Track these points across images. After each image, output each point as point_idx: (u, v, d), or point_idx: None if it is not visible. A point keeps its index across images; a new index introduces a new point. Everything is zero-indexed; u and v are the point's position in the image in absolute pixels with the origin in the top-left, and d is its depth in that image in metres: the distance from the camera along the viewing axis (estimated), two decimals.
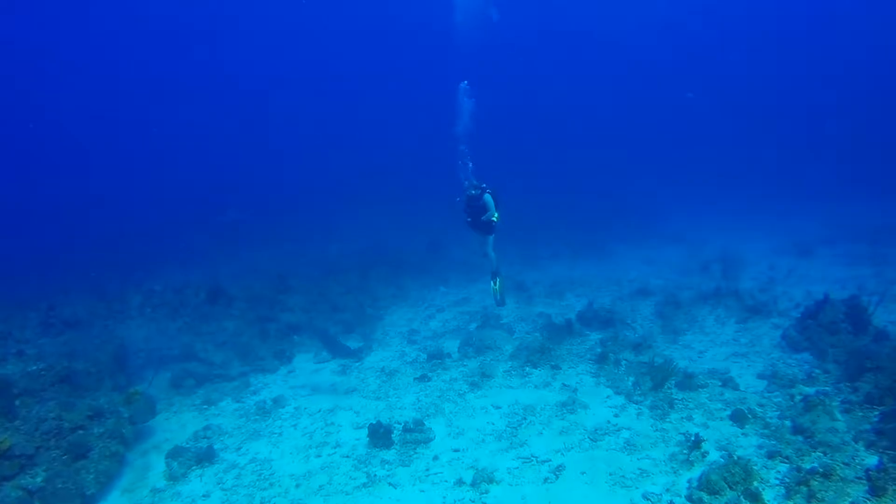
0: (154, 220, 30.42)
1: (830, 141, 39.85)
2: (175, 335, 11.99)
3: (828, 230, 21.50)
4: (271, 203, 32.88)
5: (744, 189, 31.72)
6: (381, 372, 10.34)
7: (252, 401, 9.63)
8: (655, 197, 31.12)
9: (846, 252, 18.22)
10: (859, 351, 8.85)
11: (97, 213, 34.20)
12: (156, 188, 40.47)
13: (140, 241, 25.46)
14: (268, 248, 22.93)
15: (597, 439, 7.30)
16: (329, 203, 31.28)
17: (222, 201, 32.71)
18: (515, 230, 21.02)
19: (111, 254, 23.22)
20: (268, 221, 28.27)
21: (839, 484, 5.74)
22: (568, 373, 9.48)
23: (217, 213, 29.81)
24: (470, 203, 11.53)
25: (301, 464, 7.51)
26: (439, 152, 17.19)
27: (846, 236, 20.23)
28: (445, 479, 6.75)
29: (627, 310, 12.86)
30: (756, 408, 7.90)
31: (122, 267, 19.98)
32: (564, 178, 34.83)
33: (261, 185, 38.70)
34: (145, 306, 13.63)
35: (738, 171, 36.73)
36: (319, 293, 14.34)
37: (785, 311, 12.07)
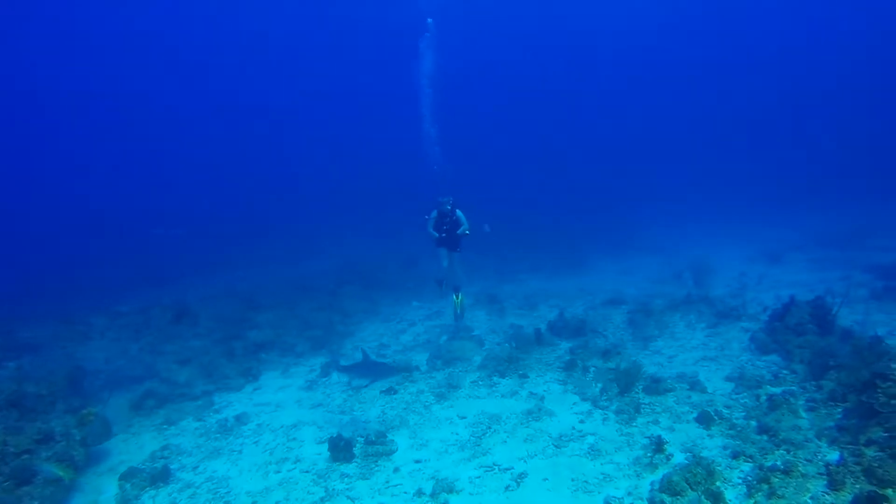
0: (126, 241, 29.92)
1: (805, 151, 40.63)
2: (137, 355, 11.70)
3: (800, 237, 21.80)
4: (243, 223, 32.53)
5: (720, 199, 32.11)
6: (347, 386, 10.15)
7: (214, 419, 9.38)
8: (632, 209, 31.34)
9: (816, 257, 18.44)
10: (824, 350, 8.87)
11: (71, 233, 33.53)
12: (131, 209, 39.86)
13: (111, 263, 24.97)
14: (240, 268, 22.63)
15: (561, 446, 7.17)
16: (304, 221, 31.09)
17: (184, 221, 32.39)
18: (491, 244, 21.09)
19: (82, 276, 22.75)
20: (240, 241, 27.94)
21: (799, 480, 5.66)
22: (536, 381, 9.36)
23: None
24: (442, 218, 11.42)
25: (259, 480, 7.29)
26: (414, 167, 17.21)
27: (817, 242, 20.53)
28: (405, 491, 6.57)
29: (599, 318, 12.79)
30: (723, 409, 7.83)
31: (91, 289, 19.56)
32: (542, 192, 34.99)
33: (235, 205, 38.34)
34: (109, 328, 13.31)
35: (714, 182, 37.19)
36: (289, 310, 14.12)
37: (754, 316, 12.07)
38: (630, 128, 55.46)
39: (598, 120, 56.89)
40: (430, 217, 11.57)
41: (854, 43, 50.56)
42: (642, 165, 44.50)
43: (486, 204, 26.59)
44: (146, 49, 48.71)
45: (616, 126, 55.97)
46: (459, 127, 42.73)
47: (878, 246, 18.87)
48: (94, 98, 51.34)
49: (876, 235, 20.33)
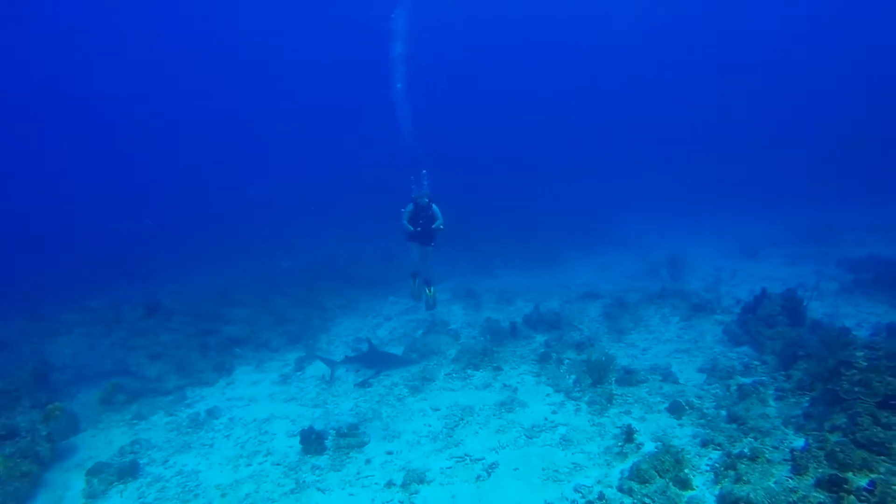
0: (101, 238, 29.35)
1: (785, 149, 41.26)
2: (107, 350, 11.49)
3: (775, 233, 22.08)
4: (221, 219, 32.10)
5: (698, 197, 32.42)
6: (321, 380, 10.08)
7: (185, 413, 9.26)
8: (611, 206, 31.51)
9: (791, 252, 18.72)
10: (793, 341, 9.00)
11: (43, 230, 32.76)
12: (102, 205, 39.07)
13: (86, 259, 24.46)
14: (217, 264, 22.31)
15: (533, 436, 7.19)
16: (282, 217, 30.77)
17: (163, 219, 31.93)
18: (470, 241, 21.10)
19: (54, 272, 22.25)
20: (219, 237, 27.56)
21: (765, 465, 5.73)
22: (510, 373, 9.38)
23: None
24: (419, 212, 11.23)
25: (230, 474, 7.21)
26: (393, 164, 17.09)
27: (792, 238, 20.81)
28: (376, 482, 6.54)
29: (575, 312, 12.85)
30: (694, 399, 7.92)
31: (63, 286, 19.16)
32: (521, 190, 35.01)
33: (213, 201, 37.78)
34: (79, 324, 13.04)
35: (693, 180, 37.53)
36: (264, 305, 13.97)
37: (728, 308, 12.22)
38: (609, 125, 55.84)
39: (577, 118, 57.09)
40: (405, 210, 11.37)
41: (833, 45, 51.42)
42: (622, 163, 44.80)
43: (465, 200, 26.77)
44: (124, 46, 47.85)
45: (595, 123, 56.28)
46: (438, 124, 42.80)
47: (850, 241, 19.22)
48: (71, 96, 50.30)
49: (848, 231, 20.71)
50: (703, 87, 55.77)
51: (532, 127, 56.01)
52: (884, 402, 6.04)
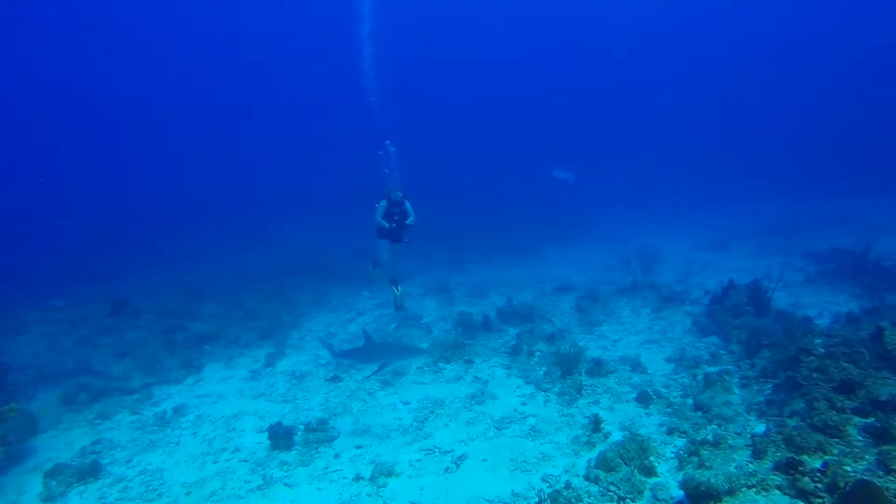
0: (67, 235, 28.64)
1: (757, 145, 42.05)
2: (70, 349, 11.22)
3: (746, 226, 22.47)
4: (193, 215, 31.56)
5: (674, 191, 32.84)
6: (291, 376, 9.99)
7: (151, 412, 9.08)
8: (589, 201, 31.72)
9: (759, 245, 19.07)
10: (757, 330, 9.18)
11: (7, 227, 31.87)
12: (73, 202, 38.13)
13: (49, 257, 23.82)
14: (188, 261, 21.95)
15: (502, 428, 7.21)
16: (256, 213, 30.42)
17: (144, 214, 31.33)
18: (446, 235, 21.09)
19: (19, 270, 21.63)
20: (188, 234, 27.10)
21: (727, 451, 5.83)
22: (481, 366, 9.40)
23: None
24: (393, 208, 11.00)
25: (196, 471, 7.10)
26: (363, 159, 16.89)
27: (762, 231, 21.21)
28: (344, 476, 6.51)
29: (548, 305, 12.92)
30: (661, 389, 8.03)
31: (26, 284, 18.64)
32: (499, 185, 35.05)
33: (185, 197, 37.08)
34: (41, 322, 12.72)
35: (667, 175, 37.99)
36: (235, 302, 13.80)
37: (697, 300, 12.38)
38: (588, 121, 56.27)
39: (557, 113, 57.41)
40: (379, 206, 11.08)
41: (804, 45, 52.47)
42: (599, 159, 45.19)
43: (441, 194, 26.77)
44: (94, 36, 46.52)
45: (574, 119, 56.67)
46: (414, 120, 42.63)
47: (815, 234, 19.66)
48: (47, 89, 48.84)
49: (814, 224, 21.20)
50: (680, 85, 56.49)
51: (511, 122, 56.14)
52: (839, 386, 6.18)
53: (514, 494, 5.69)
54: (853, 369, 6.50)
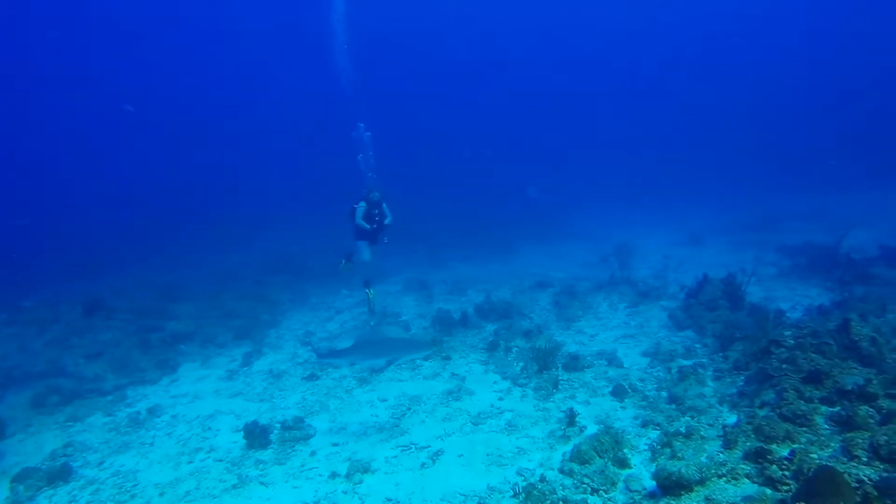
0: (36, 232, 28.04)
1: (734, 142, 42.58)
2: (41, 351, 11.00)
3: (722, 222, 22.78)
4: (172, 214, 31.08)
5: (653, 188, 33.16)
6: (268, 374, 9.92)
7: (125, 413, 8.96)
8: (569, 198, 31.92)
9: (735, 240, 19.37)
10: (731, 323, 9.32)
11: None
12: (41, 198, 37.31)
13: (17, 255, 23.25)
14: (166, 260, 21.62)
15: (479, 423, 7.23)
16: (235, 211, 30.06)
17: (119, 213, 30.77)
18: (425, 233, 21.06)
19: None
20: (169, 232, 26.67)
21: (698, 442, 5.91)
22: (458, 363, 9.41)
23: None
24: (372, 209, 10.90)
25: (170, 472, 7.02)
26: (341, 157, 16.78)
27: (737, 226, 21.51)
28: (320, 474, 6.49)
29: (526, 301, 12.97)
30: (637, 382, 8.12)
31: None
32: (479, 183, 35.01)
33: (163, 195, 36.48)
34: (10, 324, 12.46)
35: (645, 171, 38.34)
36: (212, 301, 13.65)
37: (674, 295, 12.53)
38: (570, 120, 56.56)
39: (534, 110, 57.61)
40: (357, 207, 10.92)
41: (779, 42, 53.26)
42: (580, 157, 45.46)
43: (421, 192, 26.72)
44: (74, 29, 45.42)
45: (552, 117, 56.89)
46: (392, 115, 42.42)
47: (789, 229, 20.00)
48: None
49: (788, 219, 21.57)
50: (657, 81, 57.02)
51: (491, 120, 56.16)
52: (808, 377, 6.30)
53: (490, 488, 5.71)
54: (821, 360, 6.63)
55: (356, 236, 11.20)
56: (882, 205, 22.34)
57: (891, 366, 6.40)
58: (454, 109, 56.36)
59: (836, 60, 50.10)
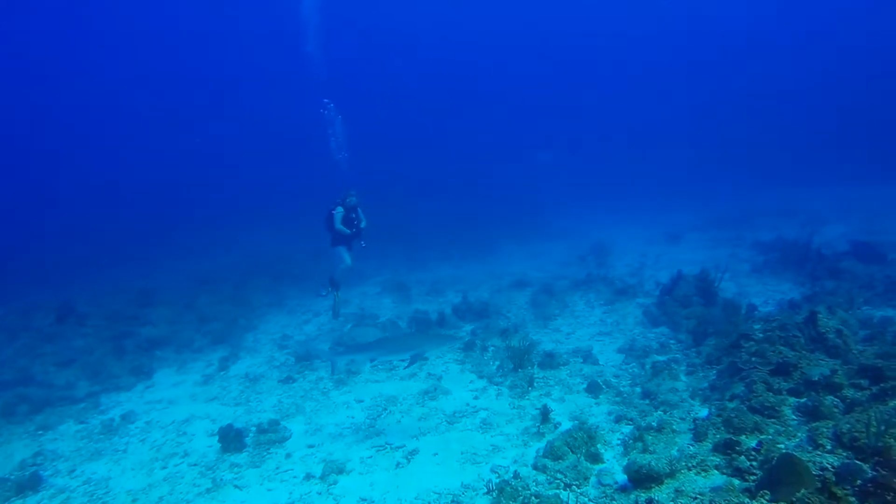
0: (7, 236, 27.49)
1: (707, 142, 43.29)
2: (9, 359, 10.80)
3: (698, 219, 23.09)
4: (147, 217, 30.66)
5: (630, 186, 33.52)
6: (244, 378, 9.83)
7: (98, 420, 8.82)
8: (550, 198, 32.11)
9: (711, 237, 19.64)
10: (704, 319, 9.45)
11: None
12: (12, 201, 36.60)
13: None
14: (142, 265, 21.33)
15: (454, 422, 7.25)
16: (213, 214, 29.77)
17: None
18: (405, 234, 21.06)
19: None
20: (142, 236, 26.30)
21: (669, 435, 5.99)
22: (435, 363, 9.41)
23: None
24: (350, 213, 10.84)
25: (143, 478, 6.93)
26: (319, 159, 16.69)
27: (713, 224, 21.81)
28: (295, 476, 6.45)
29: (503, 301, 13.03)
30: (611, 379, 8.20)
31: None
32: (459, 183, 35.08)
33: (139, 199, 35.96)
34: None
35: (623, 171, 38.75)
36: (187, 305, 13.50)
37: (650, 292, 12.66)
38: (551, 119, 56.89)
39: (513, 111, 57.87)
40: (336, 213, 10.70)
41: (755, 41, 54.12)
42: (562, 157, 45.78)
43: (400, 193, 26.71)
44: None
45: (532, 118, 57.21)
46: (370, 116, 42.29)
47: (764, 225, 20.34)
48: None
49: (763, 216, 21.95)
50: (639, 83, 57.57)
51: (473, 120, 56.31)
52: (776, 369, 6.42)
53: (464, 486, 5.72)
54: (789, 352, 6.76)
55: (333, 242, 11.14)
56: (856, 200, 22.88)
57: (856, 357, 6.55)
58: (437, 108, 56.47)
59: (816, 58, 51.05)
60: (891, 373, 5.69)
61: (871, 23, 47.88)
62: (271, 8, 41.40)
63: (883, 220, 18.22)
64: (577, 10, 55.25)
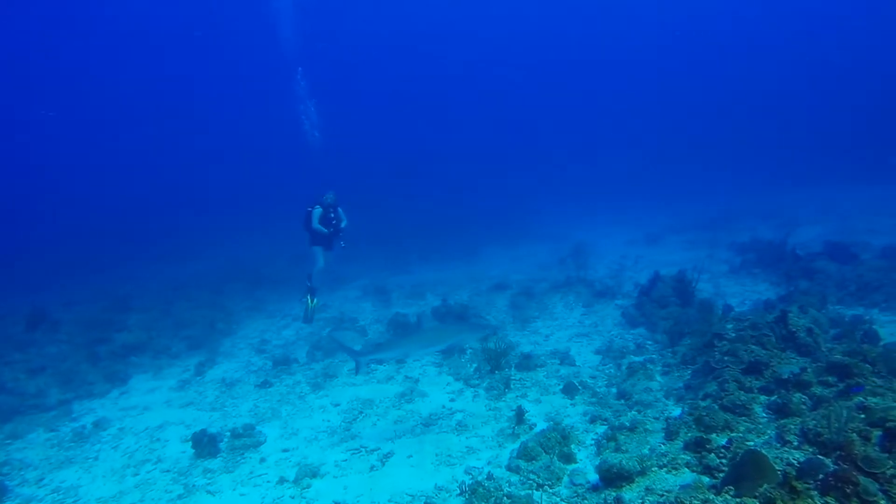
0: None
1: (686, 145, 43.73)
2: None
3: (677, 222, 23.28)
4: (125, 223, 30.30)
5: (611, 189, 33.76)
6: (221, 383, 9.75)
7: (69, 428, 8.68)
8: (533, 201, 32.24)
9: (690, 239, 19.79)
10: (680, 319, 9.52)
11: None
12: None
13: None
14: (119, 270, 21.06)
15: (430, 424, 7.23)
16: (191, 220, 29.49)
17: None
18: (388, 237, 21.03)
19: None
20: (120, 242, 25.98)
21: (642, 435, 6.01)
22: (412, 365, 9.40)
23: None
24: (327, 212, 10.83)
25: (114, 485, 6.83)
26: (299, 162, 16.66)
27: (692, 226, 22.00)
28: (269, 480, 6.39)
29: (483, 303, 13.04)
30: (588, 380, 8.21)
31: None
32: (443, 186, 35.15)
33: (116, 205, 35.58)
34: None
35: (606, 172, 39.03)
36: (164, 311, 13.34)
37: (628, 293, 12.73)
38: (529, 123, 57.19)
39: (496, 115, 58.11)
40: (312, 212, 10.79)
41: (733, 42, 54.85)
42: (545, 160, 46.06)
43: (383, 196, 26.68)
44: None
45: (514, 121, 57.52)
46: (350, 122, 42.16)
47: (744, 227, 20.53)
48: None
49: (741, 218, 22.17)
50: (622, 85, 58.08)
51: (457, 123, 56.43)
52: (748, 368, 6.48)
53: (437, 488, 5.70)
54: (760, 351, 6.82)
55: (311, 242, 11.17)
56: (835, 200, 23.21)
57: (825, 355, 6.63)
58: (422, 113, 56.53)
59: (798, 59, 51.84)
60: (857, 370, 5.77)
61: (850, 23, 48.82)
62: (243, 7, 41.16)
63: (858, 221, 18.50)
64: (555, 11, 55.57)
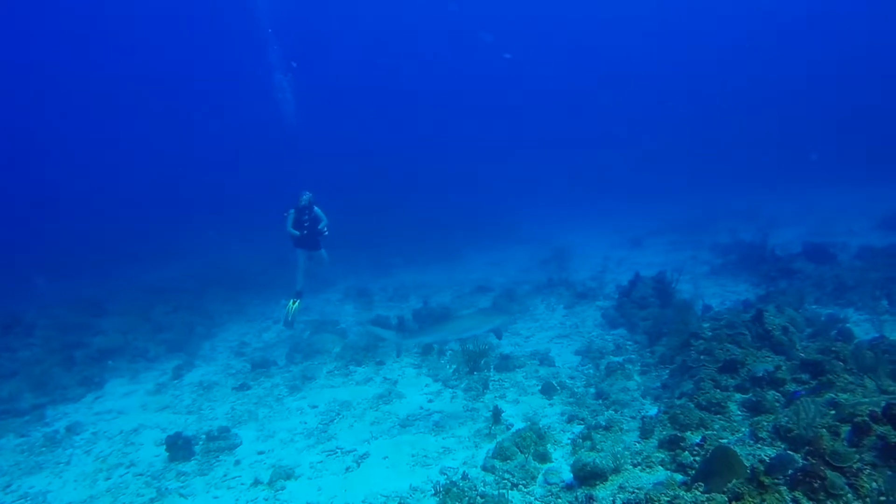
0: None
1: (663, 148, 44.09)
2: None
3: (660, 224, 23.43)
4: (105, 224, 29.90)
5: (596, 191, 33.92)
6: (198, 386, 9.62)
7: (41, 433, 8.51)
8: (517, 204, 32.28)
9: (672, 241, 19.95)
10: (659, 319, 9.57)
11: None
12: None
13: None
14: (93, 273, 20.76)
15: (407, 425, 7.19)
16: (172, 222, 29.19)
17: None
18: (371, 240, 20.95)
19: None
20: (99, 245, 25.61)
21: (617, 434, 6.02)
22: (391, 367, 9.36)
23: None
24: (301, 214, 10.88)
25: (85, 490, 6.70)
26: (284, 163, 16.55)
27: (674, 228, 22.16)
28: (243, 482, 6.31)
29: (466, 305, 13.03)
30: (567, 380, 8.21)
31: None
32: (422, 188, 35.04)
33: (96, 206, 35.08)
34: None
35: (589, 179, 39.18)
36: (142, 314, 13.16)
37: (609, 295, 12.77)
38: (512, 126, 57.35)
39: (480, 117, 58.16)
40: (287, 215, 10.89)
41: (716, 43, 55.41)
42: (529, 163, 46.14)
43: (367, 198, 26.58)
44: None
45: (499, 124, 57.64)
46: (331, 121, 41.98)
47: (723, 228, 20.69)
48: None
49: (723, 220, 22.36)
50: (606, 88, 58.43)
51: (441, 125, 56.45)
52: (724, 366, 6.51)
53: (412, 488, 5.66)
54: (736, 349, 6.86)
55: (293, 244, 11.25)
56: (815, 202, 23.52)
57: (798, 353, 6.68)
58: (403, 114, 56.47)
59: (783, 61, 52.46)
60: (829, 367, 5.81)
61: (835, 26, 49.54)
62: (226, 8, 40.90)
63: (836, 222, 18.74)
64: (540, 11, 55.83)
